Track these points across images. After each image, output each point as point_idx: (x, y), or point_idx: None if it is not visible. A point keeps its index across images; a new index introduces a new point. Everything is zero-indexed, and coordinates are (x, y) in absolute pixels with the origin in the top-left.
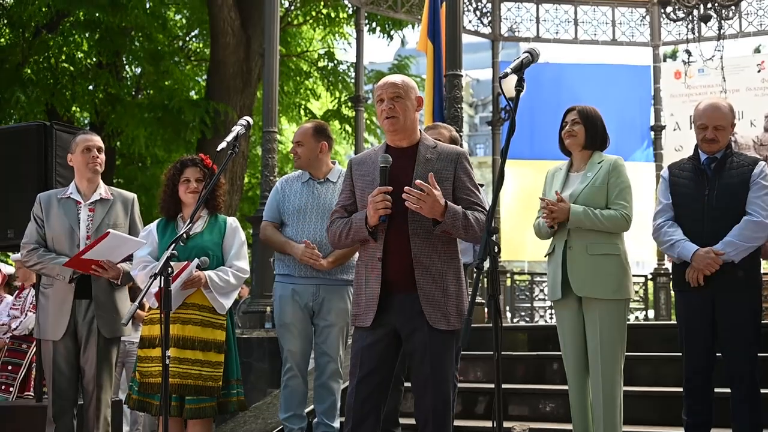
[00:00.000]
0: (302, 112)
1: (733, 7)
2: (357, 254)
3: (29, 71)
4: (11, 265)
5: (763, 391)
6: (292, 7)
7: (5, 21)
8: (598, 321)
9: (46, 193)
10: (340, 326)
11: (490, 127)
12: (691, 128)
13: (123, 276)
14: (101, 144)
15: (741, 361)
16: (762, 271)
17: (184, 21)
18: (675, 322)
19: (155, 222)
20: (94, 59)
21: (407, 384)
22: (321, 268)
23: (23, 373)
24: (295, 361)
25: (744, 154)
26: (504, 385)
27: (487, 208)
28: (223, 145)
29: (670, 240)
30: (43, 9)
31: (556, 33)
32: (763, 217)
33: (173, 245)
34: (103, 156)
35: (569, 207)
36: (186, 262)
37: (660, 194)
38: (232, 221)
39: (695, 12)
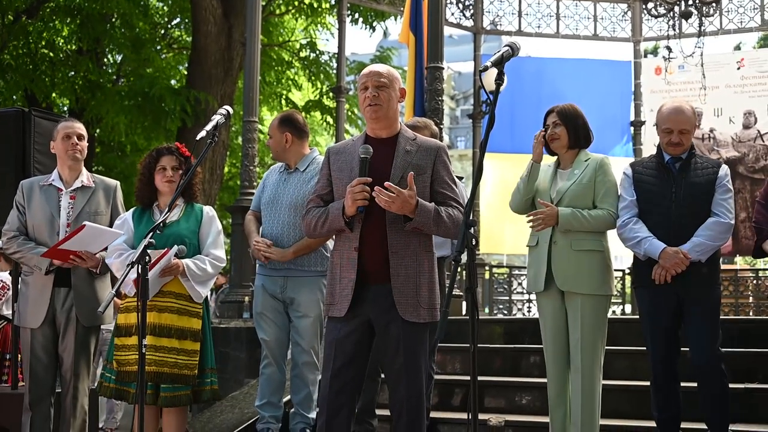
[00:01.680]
0: (283, 102)
1: (713, 5)
2: (327, 244)
3: (8, 57)
4: None
5: (731, 385)
6: None
7: None
8: (580, 316)
9: (28, 180)
10: (313, 317)
11: (471, 120)
12: None
13: (102, 265)
14: (82, 131)
15: (708, 356)
16: (739, 266)
17: (165, 8)
18: None
19: (130, 210)
20: (75, 46)
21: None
22: (282, 259)
23: None
24: (270, 349)
25: (704, 156)
26: (480, 378)
27: (464, 203)
28: (202, 134)
29: (637, 237)
30: None
31: (538, 27)
32: (729, 219)
33: (151, 234)
34: (84, 143)
35: (557, 211)
36: (165, 250)
37: (623, 191)
38: (209, 210)
39: (676, 8)
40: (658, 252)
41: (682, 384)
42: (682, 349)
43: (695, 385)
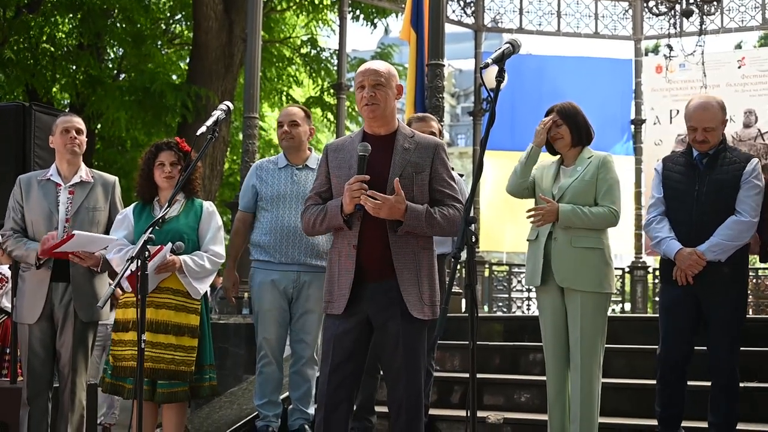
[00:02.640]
0: (284, 98)
1: (715, 3)
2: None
3: (9, 51)
4: None
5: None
6: None
7: None
8: (580, 313)
9: (26, 175)
10: (317, 313)
11: (471, 118)
12: (671, 122)
13: (103, 263)
14: (81, 126)
15: (724, 355)
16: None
17: (167, 4)
18: (651, 315)
19: (131, 206)
20: (75, 41)
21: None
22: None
23: None
24: (270, 348)
25: (738, 150)
26: (479, 375)
27: (464, 200)
28: (202, 129)
29: (657, 237)
30: None
31: (539, 25)
32: (751, 217)
33: (150, 229)
34: (83, 137)
35: (557, 207)
36: (159, 246)
37: (653, 188)
38: (209, 205)
39: (677, 7)
40: (673, 253)
41: (688, 383)
42: (696, 348)
43: (699, 383)
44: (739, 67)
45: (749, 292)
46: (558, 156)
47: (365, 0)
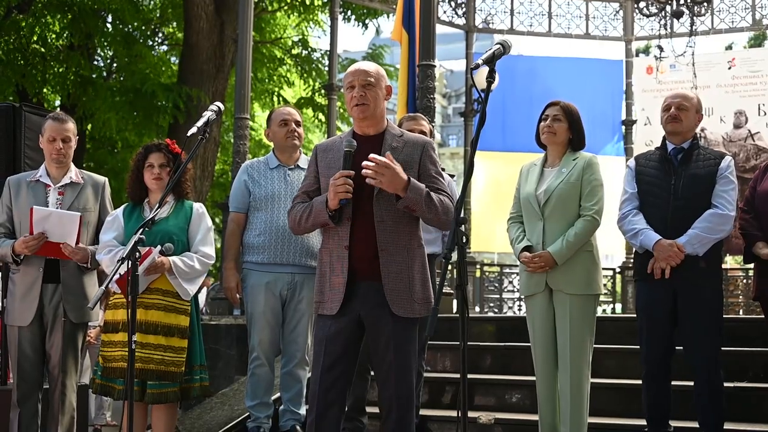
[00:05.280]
0: (275, 99)
1: (705, 4)
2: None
3: (0, 52)
4: None
5: (726, 384)
6: None
7: None
8: (568, 315)
9: (16, 176)
10: (309, 314)
11: (462, 118)
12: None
13: (92, 259)
14: (69, 133)
15: (703, 352)
16: (729, 266)
17: (158, 4)
18: None
19: (121, 207)
20: (66, 41)
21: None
22: None
23: None
24: (263, 350)
25: (710, 149)
26: (471, 376)
27: (453, 196)
28: (193, 130)
29: (634, 229)
30: None
31: (530, 26)
32: (728, 211)
33: (140, 230)
34: (70, 144)
35: (551, 254)
36: (148, 248)
37: (626, 184)
38: (199, 207)
39: (668, 8)
40: (652, 244)
41: (676, 382)
42: (677, 347)
43: (687, 383)
44: (730, 68)
45: (740, 292)
46: (542, 156)
47: (356, 1)
